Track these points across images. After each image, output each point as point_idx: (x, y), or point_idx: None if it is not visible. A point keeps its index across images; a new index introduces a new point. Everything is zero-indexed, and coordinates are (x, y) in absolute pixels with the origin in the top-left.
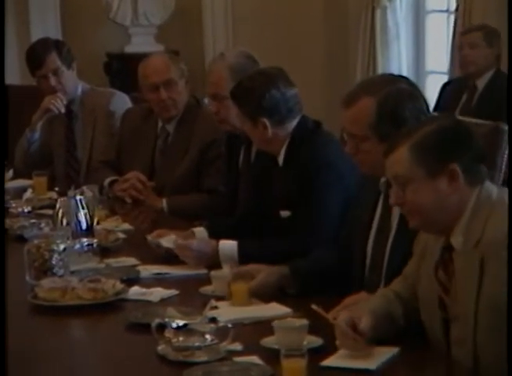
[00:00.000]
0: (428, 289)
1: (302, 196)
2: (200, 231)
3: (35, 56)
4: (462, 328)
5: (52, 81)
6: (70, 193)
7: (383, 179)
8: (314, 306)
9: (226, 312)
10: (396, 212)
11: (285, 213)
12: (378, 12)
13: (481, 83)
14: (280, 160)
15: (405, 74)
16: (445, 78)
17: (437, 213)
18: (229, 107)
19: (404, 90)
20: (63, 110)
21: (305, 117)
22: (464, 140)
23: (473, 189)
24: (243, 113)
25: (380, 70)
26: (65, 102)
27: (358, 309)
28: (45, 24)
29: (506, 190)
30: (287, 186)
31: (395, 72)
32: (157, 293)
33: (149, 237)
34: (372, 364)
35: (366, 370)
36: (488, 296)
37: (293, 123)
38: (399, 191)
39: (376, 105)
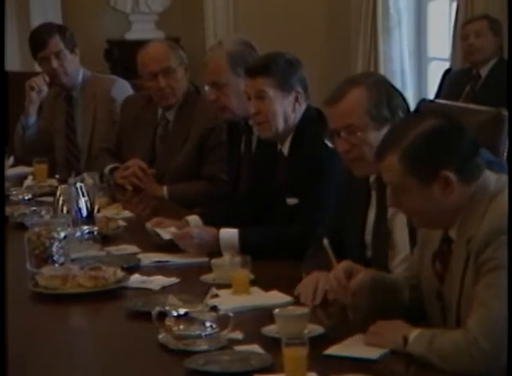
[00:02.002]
0: (428, 279)
1: (310, 184)
2: (194, 219)
3: (38, 38)
4: (451, 319)
5: (54, 63)
6: (71, 180)
7: (372, 178)
8: (325, 241)
9: (227, 301)
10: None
11: (291, 201)
12: None
13: (484, 71)
14: (286, 148)
15: (406, 60)
16: (446, 65)
17: (435, 215)
18: (229, 94)
19: (387, 80)
20: (44, 88)
21: (310, 106)
22: (454, 140)
23: (469, 187)
24: (277, 82)
25: (381, 57)
26: (47, 79)
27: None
28: (46, 11)
29: (505, 178)
30: (294, 174)
31: (397, 59)
32: (158, 281)
33: (148, 225)
34: (373, 354)
35: (368, 360)
36: (467, 293)
37: (303, 108)
38: (395, 196)
39: (367, 92)
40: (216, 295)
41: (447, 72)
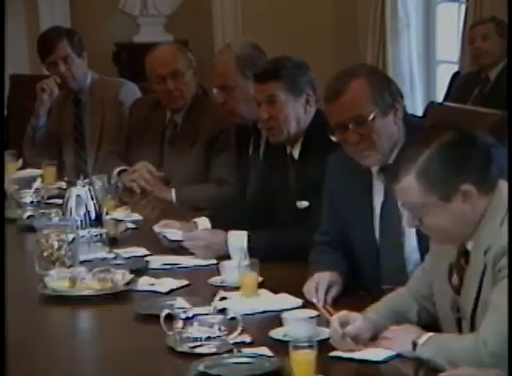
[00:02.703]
0: (442, 290)
1: (320, 187)
2: (203, 221)
3: (46, 42)
4: (466, 330)
5: (62, 67)
6: (79, 182)
7: (375, 169)
8: (315, 301)
9: (235, 303)
10: None
11: (302, 203)
12: (388, 2)
13: (493, 74)
14: (296, 151)
15: (415, 63)
16: (455, 68)
17: (457, 230)
18: (237, 98)
19: (379, 69)
20: (55, 90)
21: (319, 110)
22: (469, 153)
23: (487, 198)
24: (287, 86)
25: (390, 60)
26: (58, 81)
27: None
28: (54, 14)
29: None
30: (305, 177)
31: (406, 62)
32: (166, 283)
33: (156, 229)
34: (379, 356)
35: (372, 362)
36: (483, 304)
37: (314, 110)
38: (415, 216)
39: (368, 81)
40: (224, 298)
41: (455, 75)
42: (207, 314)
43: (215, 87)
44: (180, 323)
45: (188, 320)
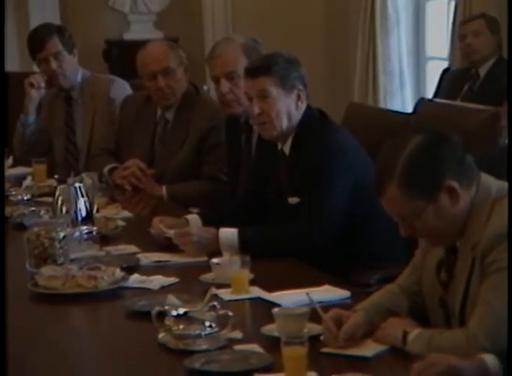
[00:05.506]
0: (431, 286)
1: (311, 182)
2: (193, 218)
3: (37, 39)
4: (455, 326)
5: (53, 64)
6: (70, 180)
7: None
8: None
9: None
10: None
11: (293, 200)
12: None
13: (483, 70)
14: (287, 147)
15: (405, 59)
16: (445, 64)
17: (449, 228)
18: (242, 85)
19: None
20: (42, 85)
21: (310, 106)
22: (442, 150)
23: (470, 191)
24: (279, 81)
25: (380, 57)
26: (45, 77)
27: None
28: (44, 11)
29: (505, 184)
30: (296, 173)
31: (396, 58)
32: (157, 281)
33: (155, 221)
34: (368, 352)
35: (363, 358)
36: (471, 299)
37: (305, 106)
38: (406, 225)
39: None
40: (215, 295)
41: (445, 71)
42: (198, 311)
43: (220, 76)
44: (171, 321)
45: (179, 317)
